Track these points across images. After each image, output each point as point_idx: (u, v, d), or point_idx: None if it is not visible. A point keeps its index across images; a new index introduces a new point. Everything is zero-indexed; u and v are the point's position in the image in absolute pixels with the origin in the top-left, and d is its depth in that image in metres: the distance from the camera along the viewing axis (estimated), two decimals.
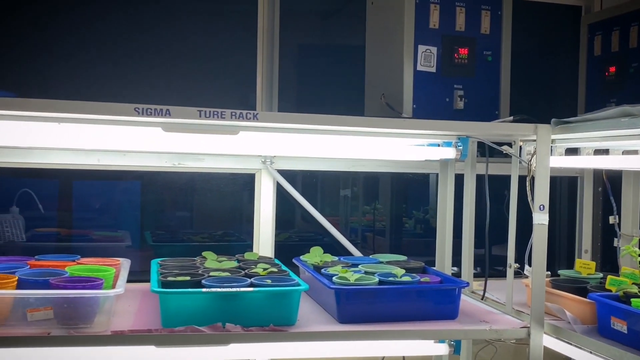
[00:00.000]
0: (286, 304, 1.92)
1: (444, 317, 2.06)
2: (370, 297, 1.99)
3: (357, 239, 3.17)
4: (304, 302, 2.19)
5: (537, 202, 1.99)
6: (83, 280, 1.89)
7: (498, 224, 2.48)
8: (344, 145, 2.15)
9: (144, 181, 2.92)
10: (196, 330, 1.80)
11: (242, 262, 2.31)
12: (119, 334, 1.76)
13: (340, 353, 2.07)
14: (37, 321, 1.77)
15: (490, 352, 3.03)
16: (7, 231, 2.79)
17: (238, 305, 1.88)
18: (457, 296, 2.07)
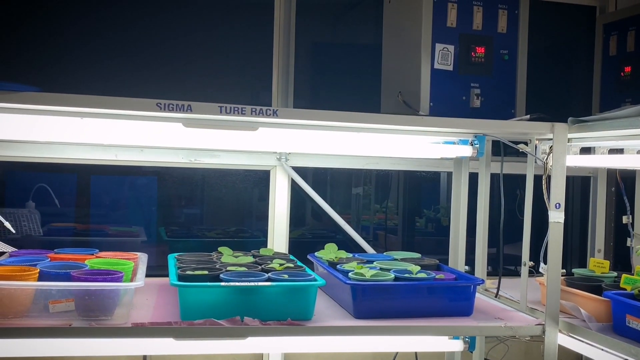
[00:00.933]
0: (303, 298, 1.94)
1: (459, 313, 2.07)
2: (386, 293, 2.01)
3: (368, 237, 3.18)
4: (319, 298, 2.20)
5: (553, 200, 2.00)
6: (103, 273, 1.91)
7: (510, 224, 2.49)
8: (360, 142, 2.16)
9: (159, 177, 2.94)
10: (215, 324, 1.82)
11: (258, 258, 2.33)
12: (139, 326, 1.78)
13: (355, 348, 2.09)
14: (59, 313, 1.79)
15: (501, 351, 3.04)
16: (25, 225, 2.82)
17: (256, 300, 1.90)
18: (472, 293, 2.09)
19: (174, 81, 2.78)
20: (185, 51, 2.83)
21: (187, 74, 2.82)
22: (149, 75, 2.77)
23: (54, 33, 2.69)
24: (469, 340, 2.23)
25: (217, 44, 2.88)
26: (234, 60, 2.89)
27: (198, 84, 2.82)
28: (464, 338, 2.24)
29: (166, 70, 2.79)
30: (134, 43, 2.76)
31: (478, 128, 2.06)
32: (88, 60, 2.71)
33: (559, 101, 3.09)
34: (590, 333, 1.96)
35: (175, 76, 2.80)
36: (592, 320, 2.02)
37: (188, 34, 2.84)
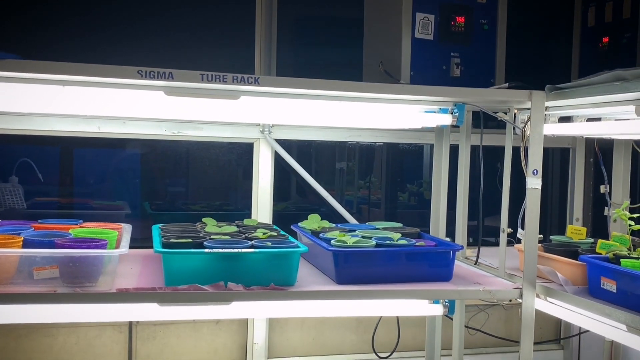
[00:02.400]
0: (286, 265, 1.97)
1: (438, 279, 2.11)
2: (367, 259, 2.04)
3: (352, 210, 3.21)
4: (303, 267, 2.24)
5: (530, 166, 2.04)
6: (87, 240, 1.93)
7: (490, 198, 2.53)
8: (342, 113, 2.18)
9: (143, 150, 2.95)
10: (199, 289, 1.84)
11: (242, 228, 2.36)
12: (123, 291, 1.80)
13: (338, 313, 2.12)
14: (43, 279, 1.81)
15: (482, 319, 3.10)
16: (8, 199, 2.82)
17: (240, 266, 1.93)
18: (451, 259, 2.13)
19: (155, 52, 2.77)
20: (168, 23, 2.82)
21: (169, 45, 2.81)
22: (131, 46, 2.76)
23: (34, 1, 2.67)
24: (448, 305, 2.27)
25: (200, 16, 2.87)
26: (217, 32, 2.89)
27: (180, 55, 2.82)
28: (443, 302, 2.28)
29: (148, 42, 2.78)
30: (115, 13, 2.75)
31: (457, 96, 2.08)
32: (69, 30, 2.70)
33: (538, 72, 3.13)
34: (566, 296, 2.01)
35: (157, 47, 2.79)
36: (569, 283, 2.07)
37: (171, 5, 2.83)
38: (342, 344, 2.96)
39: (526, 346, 2.06)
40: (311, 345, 2.94)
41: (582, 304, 1.94)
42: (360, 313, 2.13)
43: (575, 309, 2.00)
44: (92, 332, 2.69)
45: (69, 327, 2.65)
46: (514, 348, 3.06)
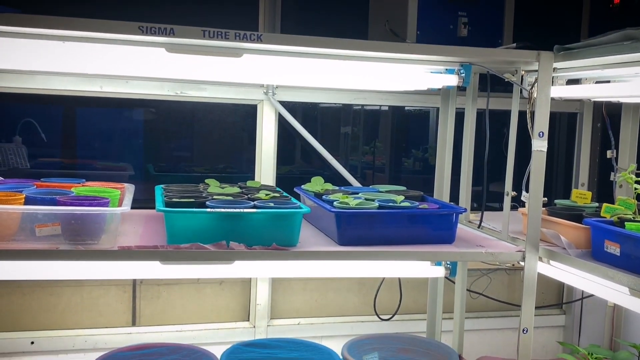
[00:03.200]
0: (288, 225, 1.96)
1: (441, 241, 2.10)
2: (370, 220, 2.04)
3: (356, 175, 3.21)
4: (305, 229, 2.23)
5: (536, 128, 2.01)
6: (89, 199, 1.93)
7: (495, 163, 2.50)
8: (347, 73, 2.14)
9: (146, 111, 2.93)
10: (201, 248, 1.84)
11: (245, 189, 2.35)
12: (125, 249, 1.80)
13: (340, 273, 2.13)
14: (45, 237, 1.81)
15: (484, 283, 3.11)
16: (11, 159, 2.82)
17: (242, 227, 1.92)
18: (454, 222, 2.12)
19: (157, 8, 2.73)
20: None
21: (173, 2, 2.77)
22: (135, 3, 2.71)
23: None
24: (450, 267, 2.27)
25: None
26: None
27: (183, 10, 2.77)
28: (445, 264, 2.28)
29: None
30: None
31: (464, 56, 2.04)
32: None
33: (548, 33, 3.07)
34: (569, 259, 2.01)
35: (159, 3, 2.74)
36: (572, 247, 2.06)
37: None
38: (344, 306, 2.98)
39: (528, 309, 2.06)
40: (313, 307, 2.96)
41: (585, 267, 1.93)
42: (362, 274, 2.13)
43: (578, 273, 1.99)
44: (96, 291, 2.71)
45: (73, 286, 2.67)
46: (515, 312, 3.07)
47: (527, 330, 2.07)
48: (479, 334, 3.08)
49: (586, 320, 3.19)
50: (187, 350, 2.27)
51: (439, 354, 2.40)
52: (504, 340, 3.09)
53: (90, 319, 2.71)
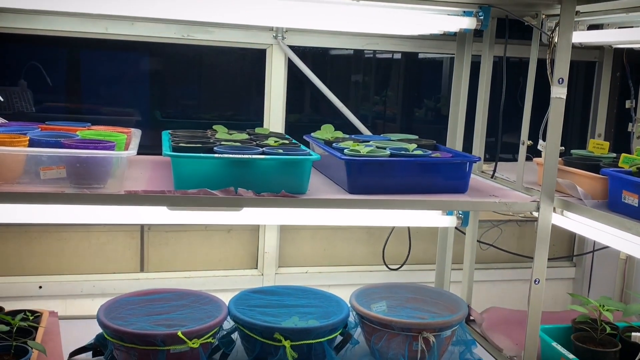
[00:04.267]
0: (297, 172, 1.92)
1: (453, 191, 2.06)
2: (381, 169, 1.99)
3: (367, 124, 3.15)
4: (315, 177, 2.19)
5: (556, 74, 1.94)
6: (95, 142, 1.89)
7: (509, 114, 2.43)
8: (360, 16, 2.06)
9: (153, 55, 2.86)
10: (209, 193, 1.81)
11: (253, 135, 2.30)
12: (132, 193, 1.77)
13: (349, 222, 2.09)
14: (51, 180, 1.78)
15: (495, 234, 3.08)
16: (17, 102, 2.77)
17: (250, 173, 1.88)
18: (467, 171, 2.07)
19: None
20: None
21: None
22: None
23: None
24: (462, 217, 2.23)
25: None
26: None
27: None
28: (457, 214, 2.24)
29: None
30: None
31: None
32: None
33: None
34: (585, 210, 1.96)
35: None
36: (588, 197, 2.01)
37: None
38: (353, 256, 2.96)
39: (540, 260, 2.03)
40: (322, 255, 2.94)
41: (602, 218, 1.89)
42: (373, 223, 2.10)
43: (594, 224, 1.95)
44: (104, 237, 2.70)
45: (81, 232, 2.66)
46: (525, 264, 3.04)
47: (539, 281, 2.04)
48: (488, 285, 3.06)
49: (596, 273, 3.17)
50: (195, 296, 2.26)
51: (448, 303, 2.38)
52: (513, 292, 3.07)
53: (99, 265, 2.71)
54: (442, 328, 2.16)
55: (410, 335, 2.13)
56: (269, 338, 2.04)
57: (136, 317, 2.13)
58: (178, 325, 2.16)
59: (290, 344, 2.02)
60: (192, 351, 1.98)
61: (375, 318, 2.17)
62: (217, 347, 2.12)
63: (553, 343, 2.21)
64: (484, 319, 2.63)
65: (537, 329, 2.08)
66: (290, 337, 2.03)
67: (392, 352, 2.17)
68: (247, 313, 2.16)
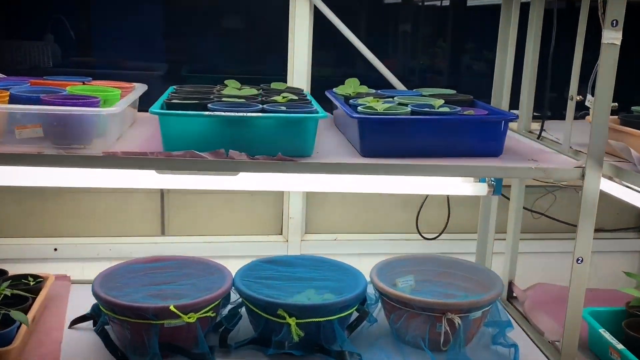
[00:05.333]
0: (299, 132, 1.69)
1: (485, 153, 1.78)
2: (396, 128, 1.73)
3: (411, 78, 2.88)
4: (333, 137, 1.97)
5: (609, 16, 1.60)
6: (79, 98, 1.72)
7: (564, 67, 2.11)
8: None
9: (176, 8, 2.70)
10: (196, 156, 1.62)
11: (265, 91, 2.09)
12: (110, 155, 1.60)
13: (360, 189, 1.87)
14: (28, 139, 1.63)
15: (548, 201, 2.76)
16: (35, 57, 2.68)
17: (245, 133, 1.67)
18: (501, 130, 1.78)
19: None
20: None
21: None
22: None
23: None
24: (494, 184, 1.95)
25: None
26: None
27: None
28: (490, 181, 1.96)
29: None
30: None
31: None
32: None
33: None
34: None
35: None
36: None
37: None
38: (386, 223, 2.73)
39: (584, 235, 1.74)
40: (352, 222, 2.73)
41: None
42: (386, 190, 1.86)
43: None
44: (121, 198, 2.58)
45: (97, 193, 2.55)
46: None
47: (583, 260, 1.76)
48: (537, 258, 2.76)
49: None
50: (202, 265, 2.10)
51: (482, 279, 2.13)
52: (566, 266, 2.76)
53: (116, 228, 2.60)
54: (470, 309, 1.92)
55: (432, 315, 1.90)
56: (272, 314, 1.86)
57: (134, 287, 2.00)
58: (180, 296, 2.01)
59: (296, 322, 1.83)
60: (189, 326, 1.83)
61: (394, 295, 1.94)
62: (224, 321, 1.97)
63: (600, 330, 1.92)
64: (527, 296, 2.35)
65: (579, 314, 1.81)
66: (296, 314, 1.84)
67: (411, 333, 1.95)
68: (253, 286, 1.98)
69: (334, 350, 1.86)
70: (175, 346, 1.84)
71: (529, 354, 2.00)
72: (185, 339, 1.85)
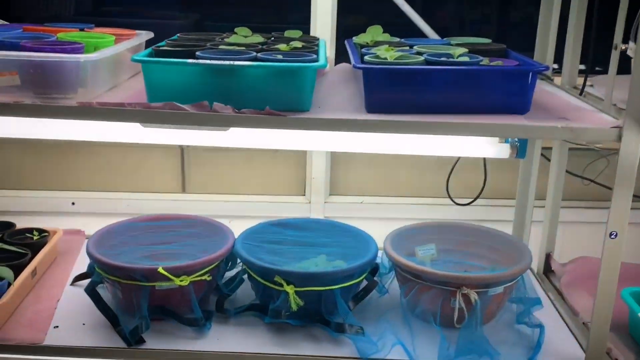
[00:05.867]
0: (293, 84, 1.52)
1: (508, 110, 1.55)
2: (404, 79, 1.53)
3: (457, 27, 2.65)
4: (349, 91, 1.78)
5: None
6: (62, 44, 1.61)
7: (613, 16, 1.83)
8: None
9: None
10: (175, 107, 1.48)
11: (275, 39, 1.92)
12: (85, 105, 1.49)
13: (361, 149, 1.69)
14: (7, 88, 1.54)
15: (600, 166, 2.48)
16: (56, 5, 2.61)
17: (234, 85, 1.51)
18: (527, 84, 1.54)
19: None
20: None
21: None
22: None
23: None
24: (518, 144, 1.72)
25: None
26: None
27: None
28: (513, 142, 1.73)
29: None
30: None
31: None
32: None
33: None
34: None
35: None
36: None
37: None
38: (417, 186, 2.54)
39: (620, 207, 1.51)
40: (381, 184, 2.55)
41: None
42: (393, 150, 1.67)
43: None
44: (140, 153, 2.51)
45: (115, 147, 2.48)
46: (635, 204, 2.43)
47: (617, 235, 1.53)
48: (584, 228, 2.50)
49: None
50: (205, 225, 1.99)
51: (510, 251, 1.92)
52: None
53: (135, 183, 2.53)
54: (490, 284, 1.73)
55: (446, 290, 1.72)
56: (270, 281, 1.73)
57: (130, 246, 1.91)
58: (178, 257, 1.92)
59: (295, 290, 1.70)
60: (182, 289, 1.73)
61: (405, 265, 1.77)
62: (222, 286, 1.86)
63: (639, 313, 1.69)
64: (566, 271, 2.12)
65: (611, 296, 1.58)
66: (295, 282, 1.70)
67: (422, 308, 1.78)
68: (254, 250, 1.85)
69: (333, 321, 1.72)
70: (167, 309, 1.75)
71: (557, 336, 1.79)
72: (179, 302, 1.76)
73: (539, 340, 1.73)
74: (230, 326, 1.79)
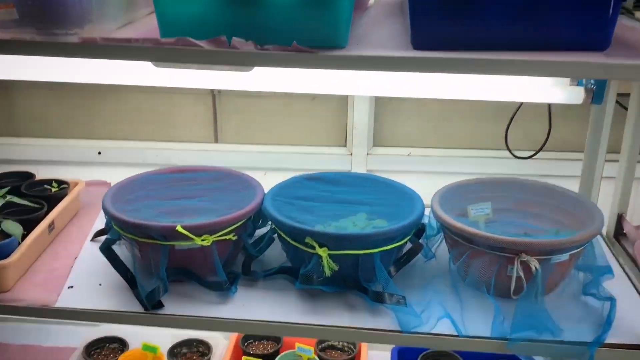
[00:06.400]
0: (324, 16, 1.28)
1: (584, 47, 1.29)
2: (458, 8, 1.28)
3: None
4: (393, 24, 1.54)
5: None
6: None
7: None
8: None
9: None
10: (188, 44, 1.28)
11: None
12: (87, 42, 1.31)
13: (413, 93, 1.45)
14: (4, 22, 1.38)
15: None
16: None
17: (258, 17, 1.30)
18: (608, 16, 1.27)
19: None
20: None
21: None
22: None
23: None
24: (594, 88, 1.45)
25: None
26: None
27: None
28: (588, 84, 1.46)
29: None
30: None
31: None
32: None
33: None
34: None
35: None
36: None
37: None
38: (472, 137, 2.30)
39: None
40: (430, 135, 2.31)
41: None
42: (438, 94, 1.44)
43: None
44: (169, 100, 2.34)
45: (142, 93, 2.32)
46: None
47: None
48: None
49: None
50: (233, 178, 1.81)
51: (575, 211, 1.68)
52: None
53: (165, 132, 2.37)
54: (553, 250, 1.50)
55: (503, 256, 1.50)
56: (300, 243, 1.54)
57: (151, 200, 1.75)
58: (202, 213, 1.75)
59: (329, 253, 1.51)
60: (205, 250, 1.56)
61: (454, 227, 1.56)
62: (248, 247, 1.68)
63: None
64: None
65: None
66: (328, 244, 1.51)
67: (473, 275, 1.57)
68: (284, 207, 1.66)
69: (372, 289, 1.53)
70: (188, 271, 1.60)
71: (631, 311, 1.56)
72: (201, 264, 1.60)
73: (610, 315, 1.50)
74: (258, 290, 1.62)
